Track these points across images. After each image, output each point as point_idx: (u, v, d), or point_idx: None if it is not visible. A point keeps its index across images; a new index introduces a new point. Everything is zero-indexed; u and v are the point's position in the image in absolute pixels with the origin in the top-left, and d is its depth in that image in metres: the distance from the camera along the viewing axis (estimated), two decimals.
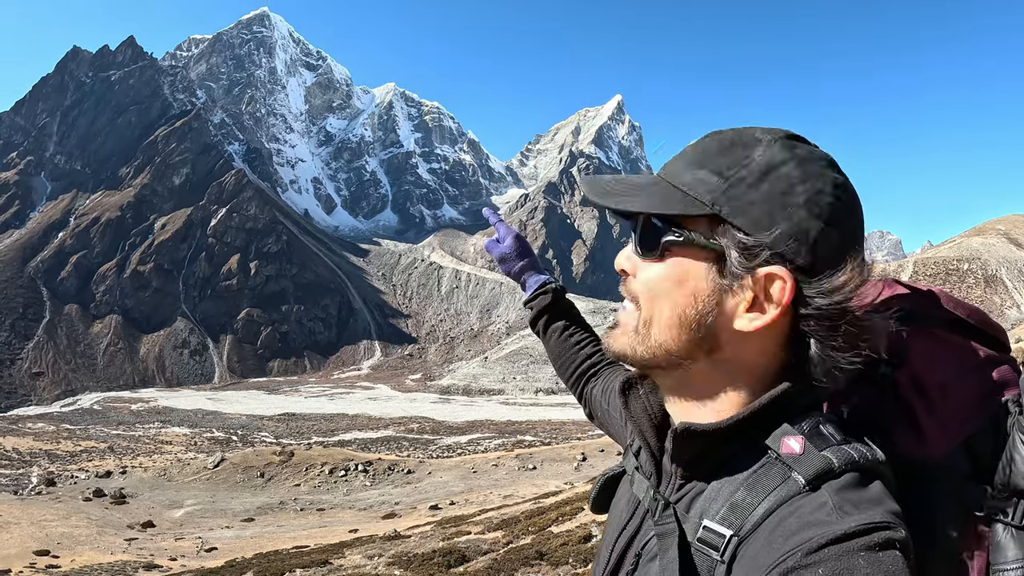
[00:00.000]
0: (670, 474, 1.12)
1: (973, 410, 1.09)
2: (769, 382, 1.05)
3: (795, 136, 1.05)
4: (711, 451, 1.05)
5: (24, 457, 68.39)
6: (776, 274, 0.98)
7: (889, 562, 0.83)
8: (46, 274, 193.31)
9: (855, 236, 1.01)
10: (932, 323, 1.15)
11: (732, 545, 0.95)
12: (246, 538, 32.96)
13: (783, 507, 0.94)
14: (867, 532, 0.85)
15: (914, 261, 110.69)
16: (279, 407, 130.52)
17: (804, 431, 1.00)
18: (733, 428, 1.01)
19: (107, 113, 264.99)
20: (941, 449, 1.08)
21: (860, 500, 0.91)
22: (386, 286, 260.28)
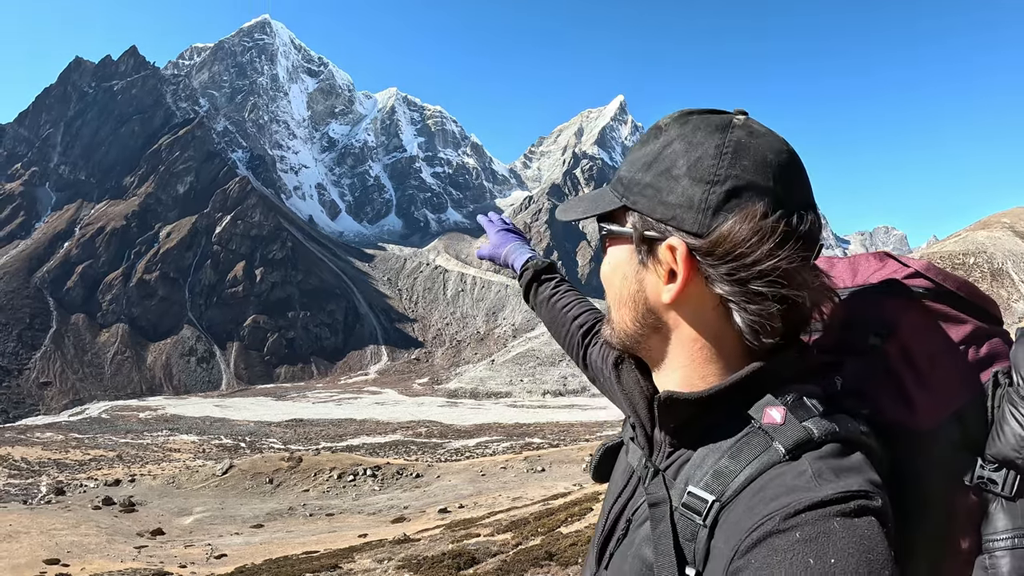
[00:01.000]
0: (660, 443, 1.15)
1: (962, 381, 1.11)
2: (738, 350, 1.07)
3: (692, 111, 1.09)
4: (695, 420, 1.07)
5: (33, 467, 68.43)
6: (670, 244, 1.02)
7: (864, 527, 0.85)
8: (52, 284, 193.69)
9: (753, 188, 1.01)
10: (921, 295, 1.16)
11: (714, 510, 0.97)
12: (256, 544, 32.91)
13: (764, 474, 0.96)
14: (844, 499, 0.87)
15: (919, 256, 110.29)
16: (287, 413, 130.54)
17: (787, 402, 1.02)
18: (714, 397, 1.04)
19: (110, 123, 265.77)
20: (931, 419, 1.09)
21: (839, 469, 0.93)
22: (392, 291, 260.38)
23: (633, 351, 1.17)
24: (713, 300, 1.05)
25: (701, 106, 0.99)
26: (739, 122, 1.06)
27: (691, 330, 1.08)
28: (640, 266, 1.09)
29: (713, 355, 1.08)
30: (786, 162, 1.03)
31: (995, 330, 1.16)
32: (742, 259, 0.98)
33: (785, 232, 0.99)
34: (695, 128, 1.06)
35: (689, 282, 1.04)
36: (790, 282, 1.00)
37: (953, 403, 1.10)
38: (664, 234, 1.04)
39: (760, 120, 1.00)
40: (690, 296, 1.05)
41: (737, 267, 0.99)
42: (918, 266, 1.19)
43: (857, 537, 0.84)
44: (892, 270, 1.21)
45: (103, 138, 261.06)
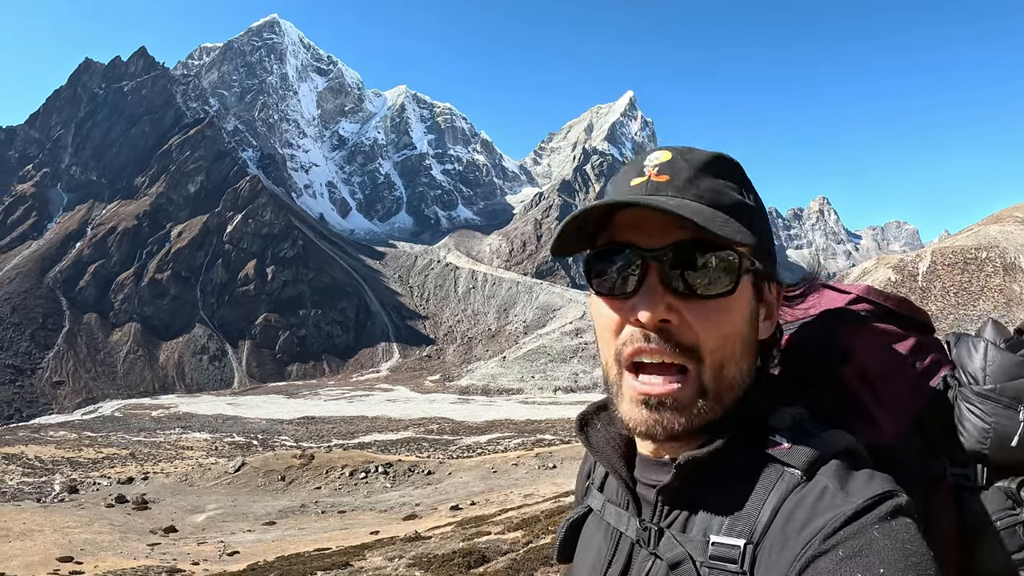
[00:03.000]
0: (651, 501, 1.12)
1: (916, 391, 1.17)
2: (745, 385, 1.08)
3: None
4: (705, 471, 1.05)
5: (47, 465, 68.78)
6: (775, 284, 1.08)
7: (902, 530, 0.86)
8: (65, 284, 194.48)
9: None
10: (867, 318, 1.21)
11: (749, 554, 0.95)
12: (268, 541, 32.97)
13: (786, 502, 0.95)
14: (875, 505, 0.88)
15: (932, 251, 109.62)
16: (298, 411, 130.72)
17: (786, 426, 1.03)
18: (728, 443, 1.03)
19: (121, 123, 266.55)
20: (893, 432, 1.14)
21: (856, 478, 0.94)
22: (403, 288, 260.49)
23: (710, 418, 1.05)
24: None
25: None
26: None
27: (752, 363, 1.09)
28: (757, 304, 1.08)
29: (741, 397, 1.07)
30: None
31: (933, 339, 1.23)
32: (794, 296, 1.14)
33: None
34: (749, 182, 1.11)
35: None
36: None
37: (911, 413, 1.15)
38: (769, 272, 1.06)
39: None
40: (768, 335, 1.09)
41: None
42: (858, 291, 1.25)
43: (900, 542, 0.84)
44: (831, 299, 1.25)
45: (114, 139, 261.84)
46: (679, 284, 1.02)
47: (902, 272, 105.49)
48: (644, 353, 1.04)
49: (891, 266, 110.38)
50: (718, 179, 1.06)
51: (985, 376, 1.15)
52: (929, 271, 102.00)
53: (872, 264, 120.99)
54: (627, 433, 1.17)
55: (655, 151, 1.11)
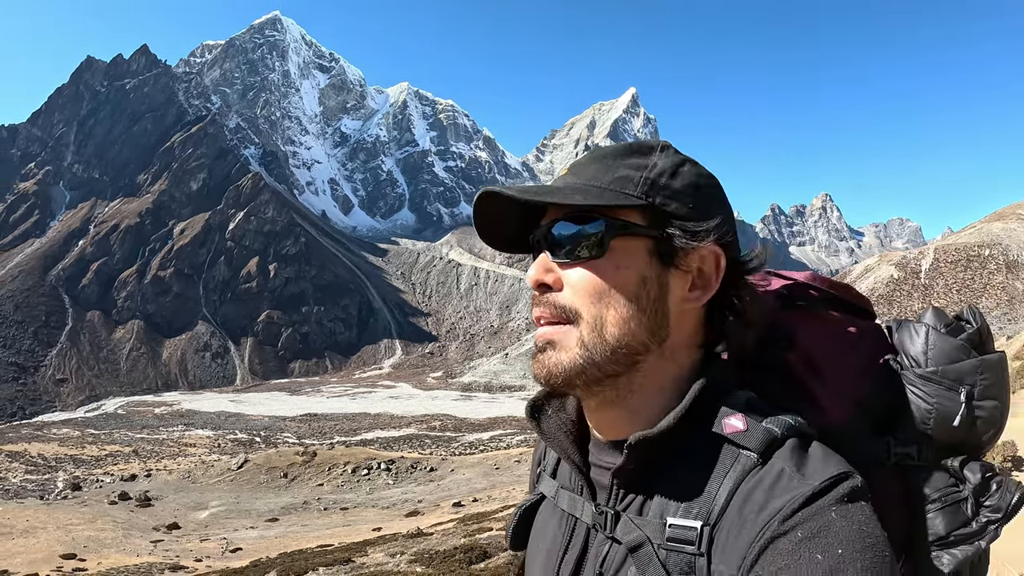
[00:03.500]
0: (606, 485, 1.12)
1: (860, 375, 1.18)
2: (696, 365, 1.10)
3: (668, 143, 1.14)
4: (659, 452, 1.05)
5: (50, 462, 68.83)
6: (713, 250, 1.05)
7: (858, 511, 0.89)
8: (67, 282, 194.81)
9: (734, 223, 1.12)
10: (812, 305, 1.24)
11: (706, 535, 0.96)
12: (270, 538, 33.02)
13: (743, 484, 0.96)
14: (831, 487, 0.90)
15: (934, 248, 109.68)
16: (301, 408, 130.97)
17: (740, 408, 1.03)
18: (679, 423, 1.02)
19: (123, 121, 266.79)
20: (839, 416, 1.15)
21: (812, 459, 0.96)
22: (405, 285, 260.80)
23: (606, 383, 1.08)
24: (703, 313, 1.10)
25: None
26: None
27: (686, 340, 1.10)
28: (661, 267, 1.06)
29: (688, 370, 1.09)
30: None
31: (874, 325, 1.26)
32: (753, 269, 1.10)
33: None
34: (693, 159, 1.12)
35: (715, 289, 1.08)
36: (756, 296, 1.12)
37: (856, 396, 1.17)
38: (695, 241, 1.05)
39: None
40: (702, 304, 1.09)
41: (749, 285, 1.10)
42: (804, 277, 1.28)
43: (856, 523, 0.87)
44: (779, 285, 1.27)
45: (116, 136, 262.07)
46: (558, 251, 1.07)
47: (905, 269, 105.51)
48: (536, 315, 1.10)
49: (894, 263, 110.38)
50: (615, 161, 1.09)
51: (927, 359, 1.18)
52: (932, 268, 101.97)
53: (875, 261, 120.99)
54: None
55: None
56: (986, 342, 1.21)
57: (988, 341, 1.22)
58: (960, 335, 1.19)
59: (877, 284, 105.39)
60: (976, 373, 1.15)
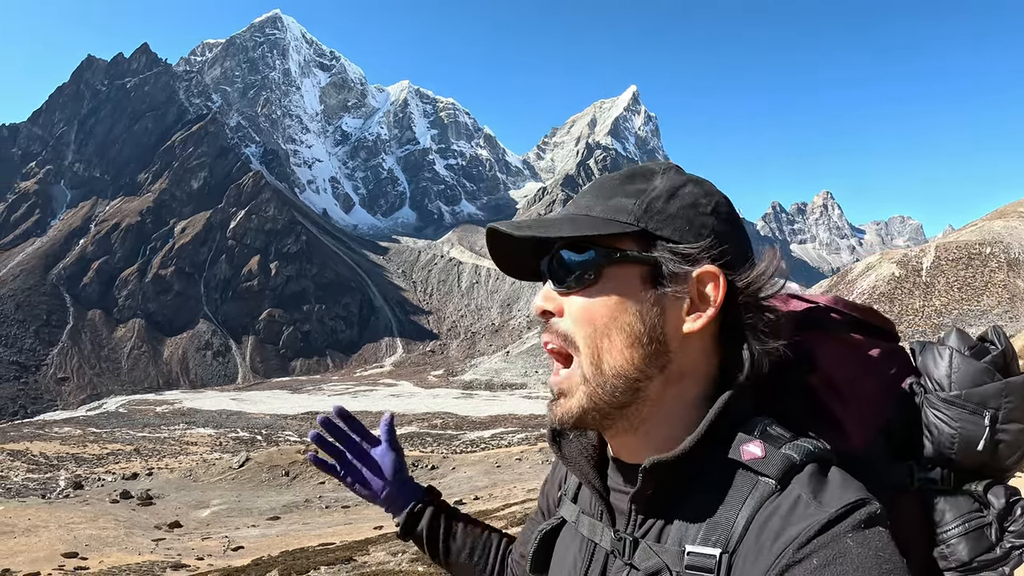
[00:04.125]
0: (625, 511, 1.11)
1: (883, 398, 1.17)
2: (709, 391, 1.08)
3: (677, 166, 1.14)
4: (676, 478, 1.04)
5: (51, 461, 68.90)
6: (710, 272, 1.03)
7: (875, 538, 0.87)
8: (69, 281, 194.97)
9: (747, 238, 1.12)
10: (835, 327, 1.21)
11: (724, 563, 0.95)
12: (272, 536, 33.05)
13: (761, 511, 0.95)
14: (848, 514, 0.89)
15: (936, 246, 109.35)
16: (303, 406, 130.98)
17: (758, 433, 1.02)
18: (696, 448, 1.01)
19: (124, 120, 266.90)
20: (861, 440, 1.14)
21: (830, 486, 0.94)
22: (406, 283, 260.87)
23: (614, 416, 1.08)
24: (715, 335, 1.08)
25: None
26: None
27: (694, 366, 1.08)
28: (659, 296, 1.05)
29: (702, 396, 1.08)
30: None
31: (898, 348, 1.24)
32: (765, 292, 1.06)
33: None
34: (698, 179, 1.12)
35: (717, 312, 1.05)
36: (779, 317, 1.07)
37: (879, 420, 1.16)
38: (691, 265, 1.04)
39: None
40: (706, 328, 1.06)
41: (763, 301, 1.07)
42: (826, 301, 1.25)
43: (873, 550, 0.85)
44: (800, 307, 1.24)
45: (117, 135, 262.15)
46: (557, 280, 1.08)
47: (906, 267, 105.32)
48: (544, 341, 1.12)
49: (895, 261, 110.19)
50: (615, 189, 1.10)
51: (951, 383, 1.16)
52: (933, 266, 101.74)
53: (876, 259, 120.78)
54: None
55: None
56: (1011, 364, 1.19)
57: (1013, 363, 1.20)
58: (984, 357, 1.17)
59: (878, 282, 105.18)
60: (1000, 396, 1.13)
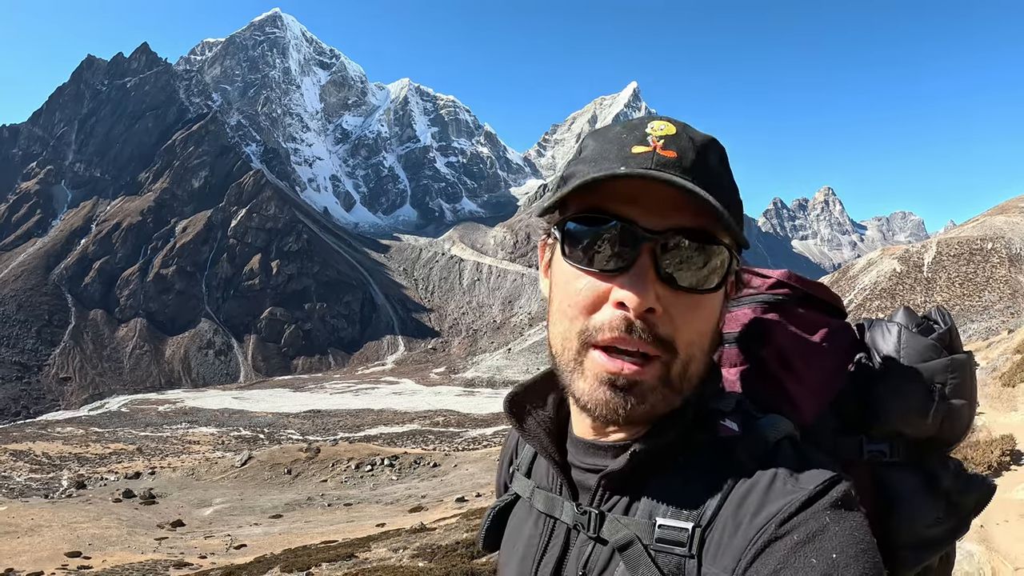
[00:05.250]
0: (590, 486, 1.09)
1: (833, 372, 1.19)
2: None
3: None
4: (656, 455, 1.03)
5: (54, 461, 69.10)
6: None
7: (851, 516, 0.89)
8: (70, 281, 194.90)
9: None
10: (786, 302, 1.23)
11: (696, 537, 0.94)
12: (275, 534, 33.16)
13: (737, 487, 0.95)
14: (826, 491, 0.90)
15: (937, 241, 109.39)
16: (305, 404, 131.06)
17: (732, 410, 1.03)
18: (679, 427, 1.02)
19: (124, 120, 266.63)
20: (813, 412, 1.14)
21: (804, 463, 0.95)
22: (408, 281, 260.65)
23: (669, 409, 1.02)
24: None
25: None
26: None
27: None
28: (723, 300, 1.05)
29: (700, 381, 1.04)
30: None
31: (846, 324, 1.26)
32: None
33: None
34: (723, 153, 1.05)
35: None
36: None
37: (830, 393, 1.17)
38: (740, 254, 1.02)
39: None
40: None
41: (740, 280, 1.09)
42: (779, 275, 1.26)
43: (850, 528, 0.87)
44: (757, 284, 1.26)
45: (117, 135, 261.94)
46: (672, 272, 0.97)
47: (907, 263, 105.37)
48: (622, 343, 0.97)
49: (896, 257, 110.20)
50: (718, 165, 1.02)
51: (899, 358, 1.20)
52: (934, 262, 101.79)
53: (877, 255, 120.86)
54: (558, 415, 1.20)
55: (655, 120, 1.04)
56: (955, 342, 1.24)
57: (957, 341, 1.25)
58: (931, 335, 1.22)
59: (880, 278, 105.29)
60: (947, 372, 1.17)
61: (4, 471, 64.61)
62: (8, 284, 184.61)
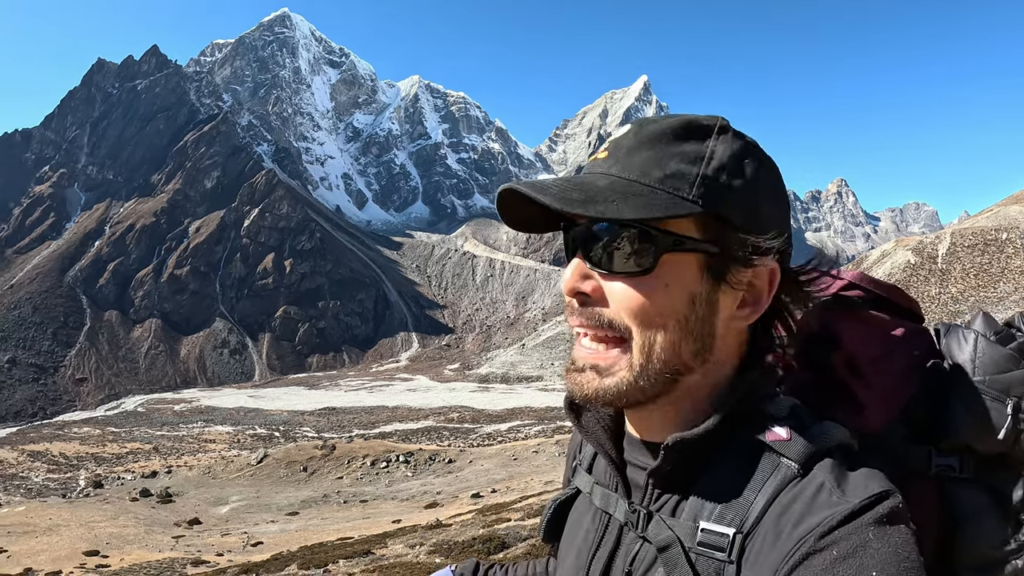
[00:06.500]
0: (642, 484, 1.09)
1: (905, 379, 1.13)
2: (737, 371, 1.05)
3: (726, 121, 1.04)
4: (696, 455, 1.01)
5: (71, 461, 69.52)
6: (770, 267, 1.00)
7: (896, 535, 0.85)
8: (85, 282, 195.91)
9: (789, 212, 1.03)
10: (858, 305, 1.18)
11: (738, 543, 0.93)
12: (291, 532, 33.22)
13: (782, 495, 0.93)
14: (871, 506, 0.86)
15: (951, 232, 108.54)
16: (319, 402, 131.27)
17: (784, 415, 0.99)
18: (719, 427, 0.99)
19: (136, 122, 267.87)
20: (881, 420, 1.10)
21: (854, 475, 0.92)
22: (421, 278, 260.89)
23: (649, 403, 1.04)
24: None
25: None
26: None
27: (731, 354, 1.05)
28: (713, 287, 1.00)
29: (730, 376, 1.04)
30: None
31: (922, 328, 1.20)
32: (810, 283, 1.04)
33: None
34: (755, 145, 1.04)
35: (766, 306, 1.02)
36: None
37: (900, 400, 1.12)
38: (758, 260, 0.99)
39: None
40: (751, 322, 1.04)
41: (802, 288, 1.05)
42: (851, 276, 1.20)
43: (893, 546, 0.83)
44: (825, 284, 1.19)
45: (129, 137, 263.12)
46: (597, 259, 1.00)
47: (921, 254, 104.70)
48: (575, 324, 1.04)
49: (910, 248, 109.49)
50: (670, 147, 0.99)
51: (975, 367, 1.13)
52: (949, 253, 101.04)
53: (891, 246, 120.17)
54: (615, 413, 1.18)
55: (626, 126, 1.05)
56: None
57: None
58: (1010, 344, 1.15)
59: (894, 269, 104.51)
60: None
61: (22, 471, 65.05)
62: (23, 287, 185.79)
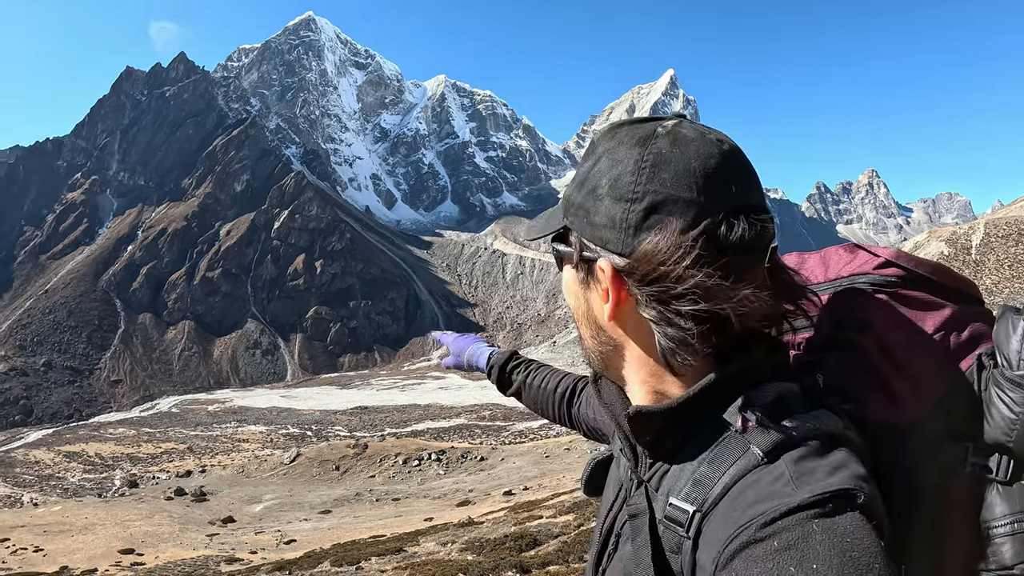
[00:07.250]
0: (641, 454, 1.11)
1: (943, 369, 1.06)
2: (713, 357, 1.03)
3: (621, 123, 1.06)
4: (668, 432, 1.03)
5: (107, 461, 70.19)
6: (600, 265, 1.01)
7: (844, 525, 0.82)
8: (118, 286, 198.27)
9: (672, 202, 0.97)
10: (894, 284, 1.12)
11: (696, 521, 0.94)
12: (324, 530, 33.21)
13: (742, 480, 0.92)
14: (822, 501, 0.84)
15: (985, 222, 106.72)
16: (351, 401, 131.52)
17: (762, 402, 0.98)
18: (683, 407, 1.00)
19: (165, 128, 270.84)
20: (913, 410, 1.05)
21: (818, 468, 0.90)
22: (451, 276, 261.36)
23: (602, 369, 1.15)
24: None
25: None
26: (664, 131, 1.01)
27: (640, 346, 1.06)
28: (583, 285, 1.08)
29: (697, 364, 1.01)
30: (714, 168, 0.97)
31: (976, 312, 1.12)
32: (663, 279, 0.95)
33: (707, 245, 0.94)
34: (619, 143, 1.03)
35: (622, 302, 1.01)
36: (717, 297, 0.94)
37: (935, 391, 1.06)
38: (596, 254, 1.02)
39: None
40: (629, 315, 1.03)
41: (659, 288, 0.96)
42: (887, 254, 1.15)
43: (838, 537, 0.81)
44: (862, 261, 1.17)
45: (159, 143, 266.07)
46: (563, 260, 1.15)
47: (955, 245, 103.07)
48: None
49: (943, 239, 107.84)
50: (600, 156, 1.06)
51: (1020, 361, 1.01)
52: (983, 243, 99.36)
53: (924, 238, 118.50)
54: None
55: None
56: None
57: None
58: None
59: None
60: None
61: (59, 472, 65.79)
62: (58, 291, 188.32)
